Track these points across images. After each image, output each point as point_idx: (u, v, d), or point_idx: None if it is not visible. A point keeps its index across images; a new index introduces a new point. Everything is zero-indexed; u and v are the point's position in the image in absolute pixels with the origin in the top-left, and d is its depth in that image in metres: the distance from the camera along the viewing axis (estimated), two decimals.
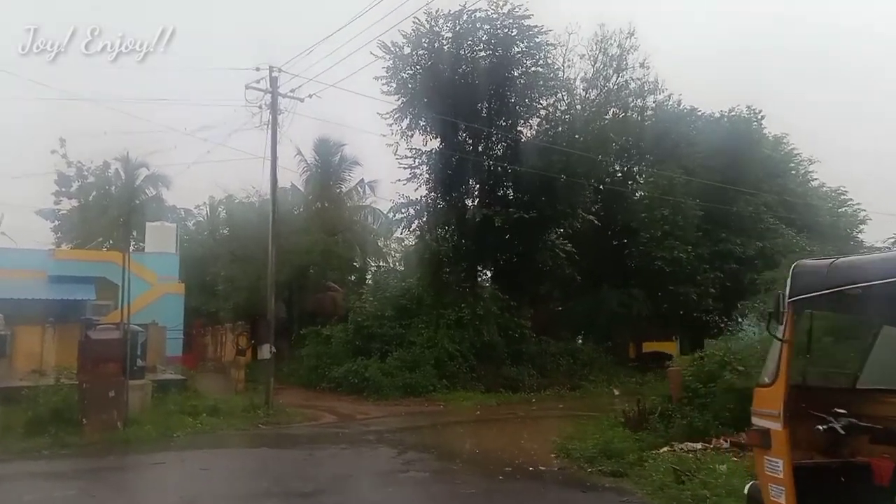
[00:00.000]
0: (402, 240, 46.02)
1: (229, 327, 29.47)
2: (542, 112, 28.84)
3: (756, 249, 32.17)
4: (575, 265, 29.72)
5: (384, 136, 27.28)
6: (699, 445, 11.20)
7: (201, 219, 52.19)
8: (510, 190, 28.56)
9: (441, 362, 24.75)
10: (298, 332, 29.52)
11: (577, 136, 29.10)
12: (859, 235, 37.20)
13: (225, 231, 45.54)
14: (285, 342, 26.64)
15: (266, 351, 19.81)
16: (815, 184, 37.45)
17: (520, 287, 29.39)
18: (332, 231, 34.13)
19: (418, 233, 29.96)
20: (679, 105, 36.05)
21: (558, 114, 29.12)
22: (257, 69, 20.32)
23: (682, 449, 11.15)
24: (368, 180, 45.68)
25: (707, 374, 12.88)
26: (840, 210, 37.28)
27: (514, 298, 28.46)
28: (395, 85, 27.42)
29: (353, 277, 41.77)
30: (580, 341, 32.81)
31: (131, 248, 33.97)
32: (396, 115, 27.43)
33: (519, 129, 28.54)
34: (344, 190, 44.91)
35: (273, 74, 20.43)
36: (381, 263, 46.37)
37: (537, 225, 27.23)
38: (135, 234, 40.24)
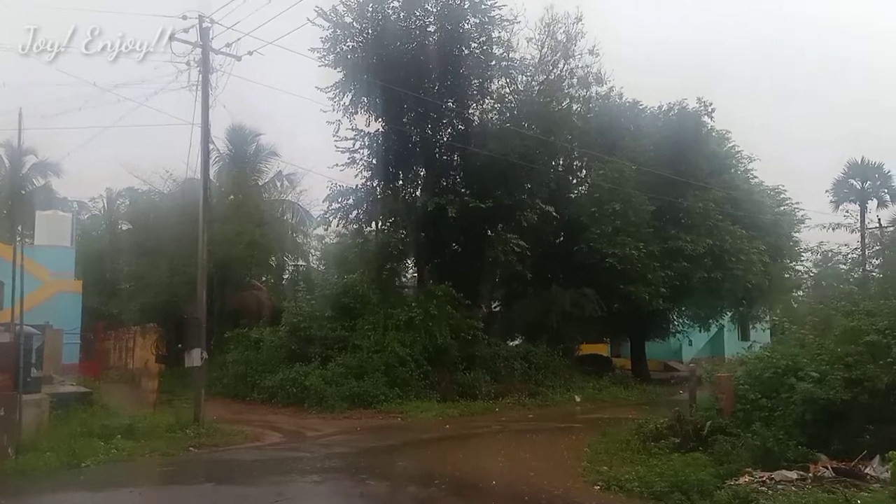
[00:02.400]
0: (324, 237, 43.17)
1: (137, 330, 25.55)
2: (496, 94, 26.47)
3: (706, 247, 30.92)
4: (526, 262, 27.50)
5: (325, 111, 24.20)
6: (794, 474, 8.88)
7: (97, 212, 47.29)
8: (461, 177, 26.01)
9: (391, 368, 21.90)
10: (221, 335, 25.92)
11: (523, 124, 26.90)
12: (796, 235, 36.85)
13: (125, 225, 41.16)
14: (206, 346, 23.07)
15: (196, 357, 16.45)
16: (755, 181, 36.66)
17: (467, 284, 26.94)
18: (254, 223, 30.58)
19: (356, 225, 26.91)
20: (621, 98, 34.54)
21: (511, 97, 26.79)
22: (184, 17, 16.88)
23: (770, 478, 8.83)
24: (287, 172, 42.61)
25: (767, 381, 10.63)
26: (779, 209, 36.65)
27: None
28: (332, 57, 24.39)
29: (267, 277, 38.45)
30: (517, 342, 30.76)
31: (18, 239, 29.47)
32: (337, 90, 24.39)
33: (470, 112, 26.05)
34: (260, 182, 41.49)
35: (204, 24, 17.06)
36: (300, 262, 43.14)
37: (493, 216, 24.81)
38: (20, 228, 35.45)
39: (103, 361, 29.51)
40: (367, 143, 25.51)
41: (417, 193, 26.36)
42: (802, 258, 38.86)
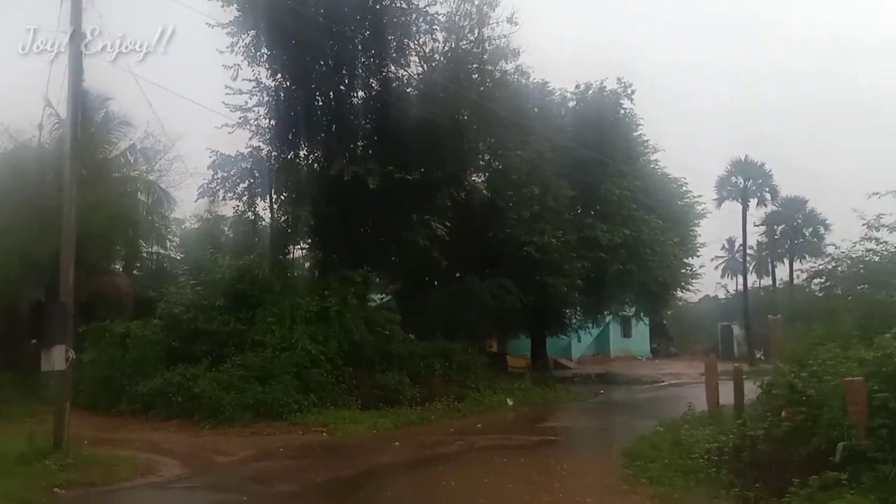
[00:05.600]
0: (183, 221, 37.96)
1: None
2: (417, 53, 23.04)
3: (622, 237, 29.05)
4: (443, 247, 24.27)
5: (221, 52, 19.74)
6: None
7: None
8: (378, 145, 22.25)
9: (303, 370, 17.88)
10: (74, 329, 20.60)
11: (439, 94, 23.62)
12: (696, 229, 36.01)
13: None
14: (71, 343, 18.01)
15: (59, 357, 11.79)
16: (661, 172, 35.40)
17: (377, 271, 23.48)
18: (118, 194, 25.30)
19: (246, 197, 22.54)
20: (529, 78, 32.02)
21: (438, 56, 23.45)
22: None
23: None
24: (142, 145, 36.85)
25: None
26: (682, 202, 35.63)
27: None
28: None
29: (128, 262, 32.88)
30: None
31: None
32: (234, 28, 20.01)
33: (390, 70, 22.40)
34: (110, 156, 35.57)
35: None
36: (156, 248, 37.55)
37: (416, 191, 21.32)
38: None
39: None
40: (265, 100, 21.32)
41: (321, 163, 22.37)
42: (699, 254, 38.51)
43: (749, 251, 49.58)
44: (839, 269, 12.00)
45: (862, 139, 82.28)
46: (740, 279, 70.01)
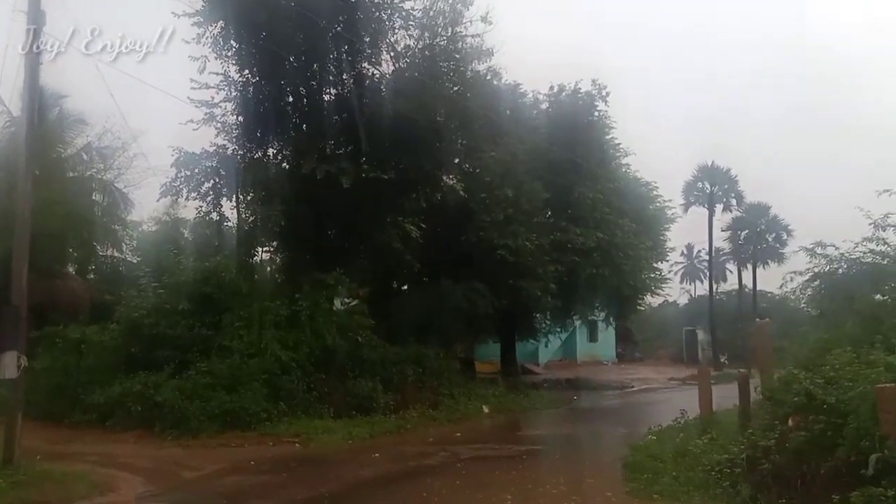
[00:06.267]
0: (140, 223, 36.66)
1: None
2: (394, 50, 22.28)
3: (595, 241, 28.70)
4: (416, 250, 23.64)
5: (187, 42, 18.76)
6: None
7: None
8: (352, 144, 21.43)
9: (273, 377, 17.00)
10: (27, 335, 19.38)
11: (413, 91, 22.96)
12: (666, 233, 35.92)
13: None
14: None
15: (10, 364, 10.82)
16: (632, 176, 35.19)
17: (347, 274, 22.63)
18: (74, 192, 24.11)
19: (211, 196, 21.53)
20: (502, 79, 31.55)
21: (412, 53, 22.73)
22: None
23: None
24: (98, 145, 35.39)
25: None
26: (653, 206, 35.49)
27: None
28: None
29: (83, 265, 31.51)
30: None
31: None
32: (201, 20, 19.05)
33: (364, 66, 21.63)
34: (64, 155, 34.10)
35: None
36: (111, 251, 36.15)
37: (392, 191, 20.58)
38: None
39: None
40: (232, 95, 20.39)
41: (290, 161, 21.52)
42: (668, 258, 38.45)
43: (708, 257, 49.58)
44: (839, 270, 11.62)
45: (822, 148, 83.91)
46: (698, 284, 71.58)
